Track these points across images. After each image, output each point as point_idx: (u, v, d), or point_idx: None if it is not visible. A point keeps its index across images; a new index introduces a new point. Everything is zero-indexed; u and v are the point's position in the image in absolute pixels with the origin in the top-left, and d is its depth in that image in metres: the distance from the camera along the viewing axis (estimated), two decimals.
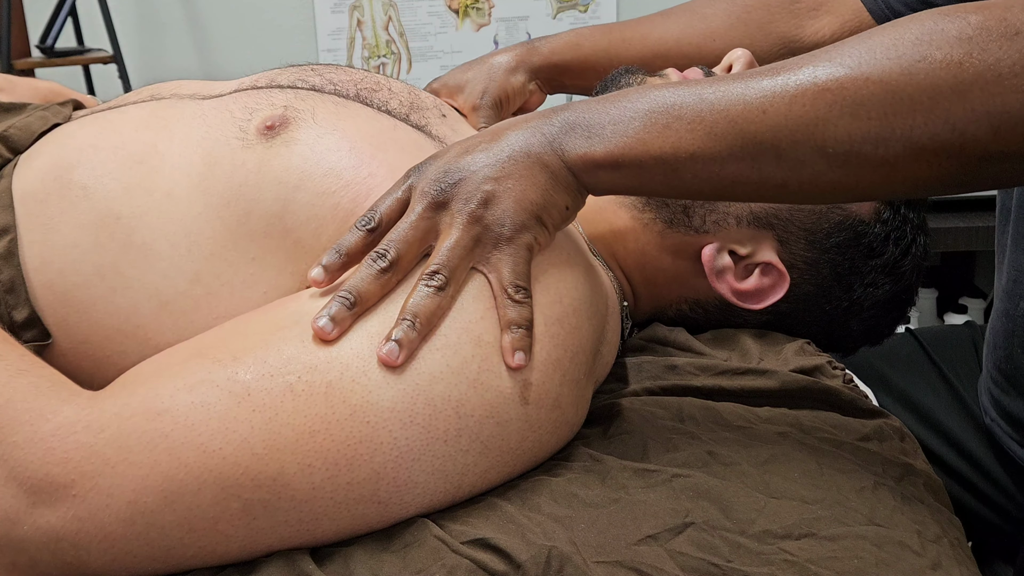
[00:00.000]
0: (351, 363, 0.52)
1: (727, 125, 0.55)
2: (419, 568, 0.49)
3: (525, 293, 0.56)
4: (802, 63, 0.55)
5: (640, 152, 0.56)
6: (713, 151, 0.55)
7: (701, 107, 0.55)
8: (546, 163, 0.57)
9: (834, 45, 0.55)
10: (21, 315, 0.62)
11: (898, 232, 0.79)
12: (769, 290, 0.76)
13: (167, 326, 0.62)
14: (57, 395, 0.51)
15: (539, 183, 0.57)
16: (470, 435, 0.53)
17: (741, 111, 0.54)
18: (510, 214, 0.56)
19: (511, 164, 0.57)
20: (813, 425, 0.66)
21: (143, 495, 0.48)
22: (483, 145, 0.58)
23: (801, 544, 0.53)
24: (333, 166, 0.64)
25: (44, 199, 0.64)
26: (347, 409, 0.51)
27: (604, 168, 0.57)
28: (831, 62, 0.53)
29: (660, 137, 0.56)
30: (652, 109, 0.56)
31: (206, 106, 0.70)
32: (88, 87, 2.21)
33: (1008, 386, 0.87)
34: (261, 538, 0.50)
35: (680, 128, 0.55)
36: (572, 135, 0.58)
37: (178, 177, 0.65)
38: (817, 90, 0.53)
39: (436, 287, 0.54)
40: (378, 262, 0.55)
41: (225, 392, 0.50)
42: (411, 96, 0.78)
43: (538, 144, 0.58)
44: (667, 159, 0.56)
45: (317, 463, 0.50)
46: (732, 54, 0.83)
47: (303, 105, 0.68)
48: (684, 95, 0.56)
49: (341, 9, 2.28)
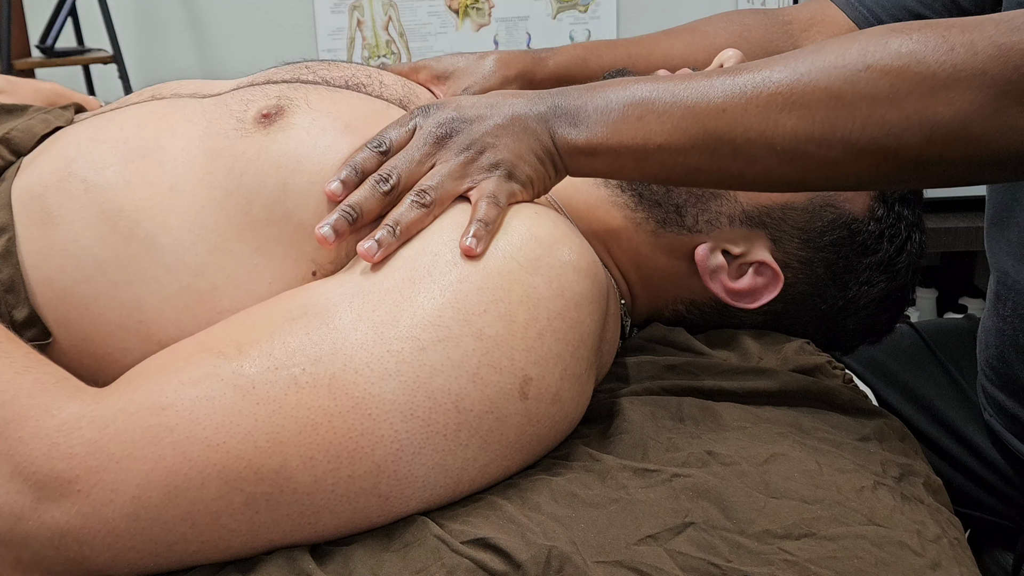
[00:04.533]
0: (355, 355, 0.52)
1: (691, 120, 0.60)
2: (419, 567, 0.49)
3: (501, 207, 0.61)
4: (762, 66, 0.60)
5: (615, 142, 0.62)
6: (678, 143, 0.61)
7: (672, 102, 0.61)
8: (539, 136, 0.63)
9: (793, 52, 0.60)
10: (21, 314, 0.62)
11: (892, 229, 0.79)
12: (763, 289, 0.76)
13: (169, 321, 0.62)
14: (62, 391, 0.51)
15: (533, 149, 0.63)
16: (469, 429, 0.53)
17: (704, 108, 0.60)
18: (504, 162, 0.62)
19: (510, 126, 0.63)
20: (813, 425, 0.66)
21: (147, 490, 0.48)
22: (485, 105, 0.64)
23: (801, 544, 0.53)
24: (330, 144, 0.65)
25: (42, 194, 0.64)
26: (349, 401, 0.51)
27: (583, 154, 0.63)
28: (786, 67, 0.59)
29: (633, 128, 0.62)
30: (630, 102, 0.62)
31: (206, 103, 0.71)
32: (88, 87, 2.21)
33: (1000, 383, 0.88)
34: (263, 532, 0.51)
35: (651, 120, 0.61)
36: (560, 119, 0.64)
37: (181, 171, 0.65)
38: (770, 93, 0.58)
39: (421, 203, 0.60)
40: (381, 184, 0.61)
41: (230, 386, 0.51)
42: (404, 89, 0.78)
43: (535, 119, 0.64)
44: (638, 148, 0.62)
45: (319, 456, 0.50)
46: (723, 53, 0.84)
47: (296, 94, 0.69)
48: (659, 90, 0.62)
49: (341, 9, 2.28)
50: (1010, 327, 0.84)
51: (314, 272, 0.63)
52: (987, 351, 0.90)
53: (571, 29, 2.32)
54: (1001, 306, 0.86)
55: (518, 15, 2.32)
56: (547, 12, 2.31)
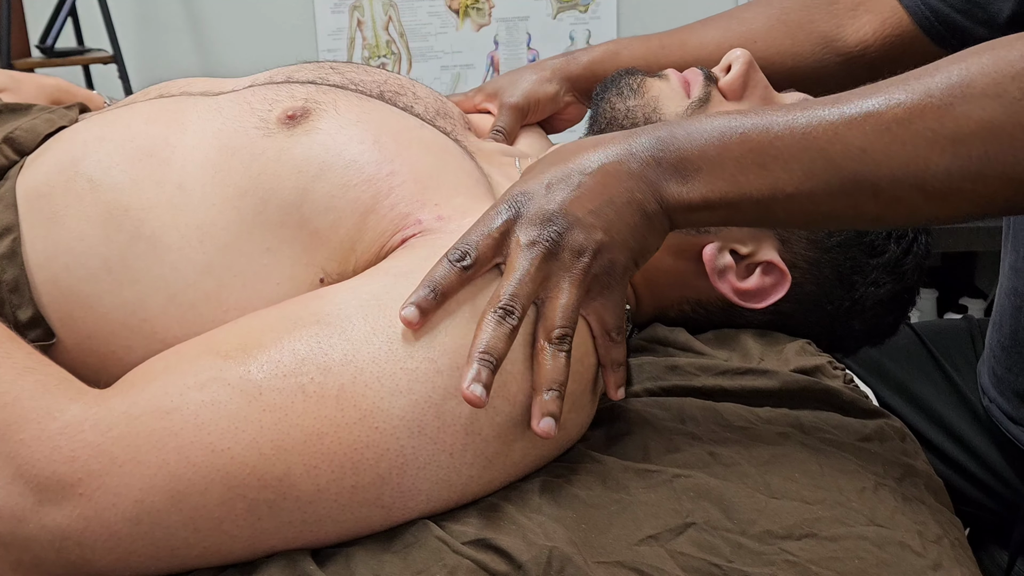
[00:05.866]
0: (366, 367, 0.52)
1: (824, 164, 0.54)
2: (420, 568, 0.49)
3: (623, 335, 0.59)
4: (895, 93, 0.54)
5: (735, 195, 0.56)
6: (810, 190, 0.55)
7: (796, 144, 0.55)
8: (644, 207, 0.57)
9: (927, 74, 0.54)
10: (25, 315, 0.61)
11: (899, 231, 0.79)
12: (771, 289, 0.76)
13: (174, 320, 0.61)
14: (65, 393, 0.51)
15: (638, 228, 0.57)
16: (475, 451, 0.53)
17: (840, 150, 0.54)
18: (619, 266, 0.57)
19: (613, 209, 0.56)
20: (814, 425, 0.66)
21: (150, 494, 0.48)
22: (576, 177, 0.57)
23: (802, 544, 0.53)
24: (355, 158, 0.63)
25: (48, 193, 0.64)
26: (357, 413, 0.51)
27: (698, 210, 0.58)
28: (930, 96, 0.53)
29: (757, 179, 0.56)
30: (744, 146, 0.56)
31: (221, 100, 0.70)
32: (88, 87, 2.21)
33: (1012, 363, 0.88)
34: (265, 539, 0.50)
35: (776, 168, 0.55)
36: (666, 172, 0.57)
37: (191, 169, 0.64)
38: (916, 128, 0.53)
39: (559, 349, 0.54)
40: (508, 319, 0.53)
41: (237, 391, 0.50)
42: (437, 103, 0.77)
43: (639, 186, 0.57)
44: (763, 200, 0.56)
45: (323, 465, 0.50)
46: (731, 54, 0.82)
47: (324, 98, 0.68)
48: (778, 129, 0.55)
49: (341, 9, 2.28)
50: None
51: (322, 279, 0.62)
52: (1000, 331, 0.89)
53: (571, 29, 2.32)
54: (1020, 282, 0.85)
55: (518, 15, 2.32)
56: (547, 12, 2.31)
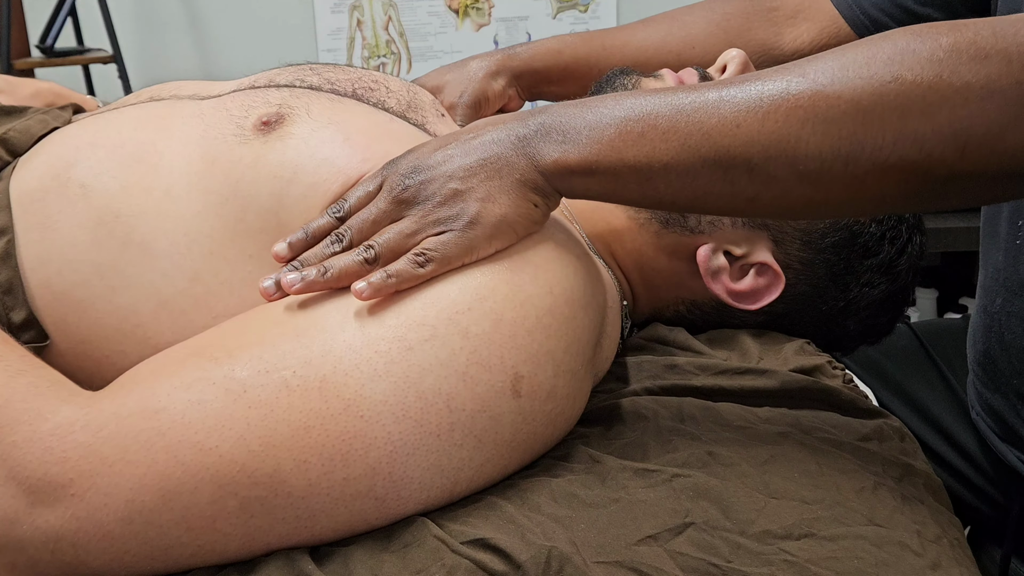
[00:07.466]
0: (344, 356, 0.52)
1: (701, 137, 0.55)
2: (419, 568, 0.49)
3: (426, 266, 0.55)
4: (776, 76, 0.55)
5: (614, 160, 0.56)
6: (687, 163, 0.55)
7: (676, 117, 0.55)
8: (515, 166, 0.58)
9: (808, 60, 0.55)
10: (19, 316, 0.62)
11: (894, 231, 0.79)
12: (765, 290, 0.76)
13: (166, 325, 0.62)
14: (56, 395, 0.51)
15: (505, 187, 0.57)
16: (463, 429, 0.53)
17: (716, 124, 0.54)
18: (465, 212, 0.56)
19: (479, 166, 0.57)
20: (813, 425, 0.66)
21: (141, 494, 0.48)
22: (457, 144, 0.59)
23: (801, 544, 0.53)
24: (327, 156, 0.64)
25: (42, 198, 0.64)
26: (341, 403, 0.51)
27: (577, 174, 0.57)
28: (804, 78, 0.54)
29: (635, 146, 0.56)
30: (628, 117, 0.56)
31: (204, 106, 0.70)
32: (88, 87, 2.21)
33: (987, 380, 0.88)
34: (259, 536, 0.51)
35: (655, 138, 0.55)
36: (547, 140, 0.58)
37: (177, 175, 0.65)
38: (790, 107, 0.53)
39: (364, 258, 0.56)
40: (334, 245, 0.58)
41: (222, 390, 0.51)
42: (409, 95, 0.78)
43: (511, 148, 0.58)
44: (641, 168, 0.56)
45: (312, 459, 0.50)
46: (727, 54, 0.83)
47: (298, 102, 0.69)
48: (660, 104, 0.56)
49: (341, 9, 2.28)
50: (996, 323, 0.84)
51: None
52: (975, 348, 0.90)
53: (571, 29, 2.32)
54: (989, 301, 0.86)
55: (518, 15, 2.32)
56: (547, 12, 2.31)
